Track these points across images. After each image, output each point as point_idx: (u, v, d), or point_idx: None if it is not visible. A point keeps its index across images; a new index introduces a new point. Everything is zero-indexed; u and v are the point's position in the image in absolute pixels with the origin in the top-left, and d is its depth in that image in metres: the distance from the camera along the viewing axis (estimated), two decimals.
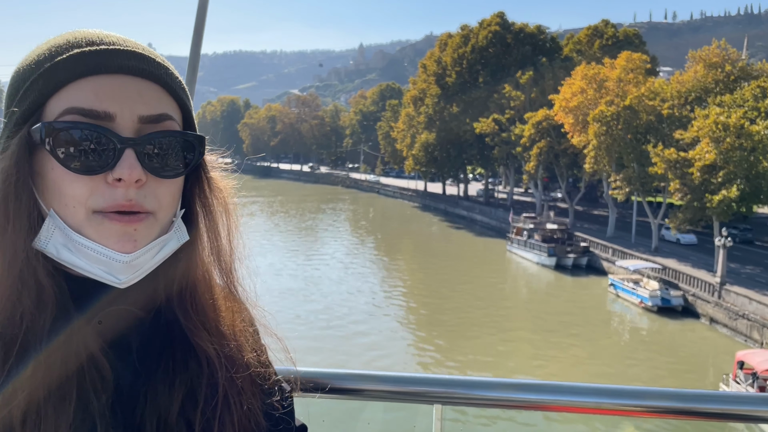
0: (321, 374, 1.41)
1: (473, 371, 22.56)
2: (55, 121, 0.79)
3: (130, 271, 0.82)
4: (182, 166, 0.86)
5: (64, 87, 0.80)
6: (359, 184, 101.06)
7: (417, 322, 29.62)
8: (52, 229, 0.80)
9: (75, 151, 0.78)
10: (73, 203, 0.79)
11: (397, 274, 40.17)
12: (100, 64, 0.81)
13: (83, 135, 0.78)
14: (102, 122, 0.79)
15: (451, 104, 62.17)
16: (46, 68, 0.80)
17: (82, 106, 0.79)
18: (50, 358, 0.76)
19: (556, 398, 1.42)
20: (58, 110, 0.79)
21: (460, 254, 45.70)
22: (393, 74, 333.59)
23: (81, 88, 0.80)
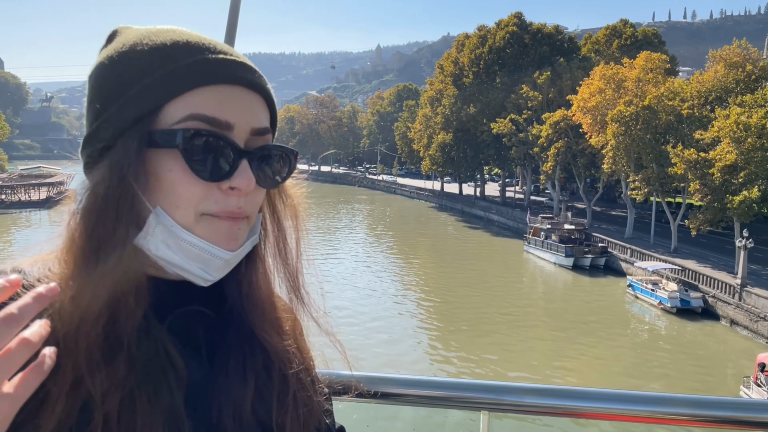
0: (367, 378, 1.36)
1: (489, 372, 22.54)
2: (191, 129, 0.79)
3: (225, 269, 0.85)
4: (279, 178, 0.90)
5: (188, 92, 0.80)
6: (376, 184, 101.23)
7: (433, 321, 29.64)
8: (154, 226, 0.80)
9: (201, 157, 0.79)
10: (185, 205, 0.80)
11: (413, 274, 40.21)
12: (222, 74, 0.82)
13: (211, 143, 0.79)
14: (223, 131, 0.81)
15: (468, 105, 62.01)
16: (168, 71, 0.80)
17: (206, 113, 0.80)
18: (140, 356, 0.77)
19: (610, 407, 1.39)
20: (178, 115, 0.79)
21: (477, 254, 45.61)
22: (410, 75, 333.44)
23: (204, 95, 0.80)
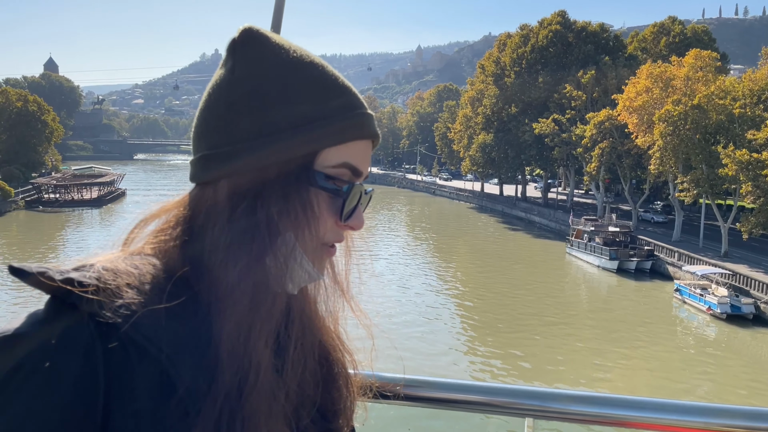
0: (407, 380, 1.34)
1: (529, 378, 22.28)
2: (347, 180, 0.88)
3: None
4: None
5: (346, 144, 0.87)
6: (415, 185, 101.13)
7: (471, 324, 29.44)
8: (281, 249, 0.86)
9: (345, 201, 0.87)
10: (315, 237, 0.86)
11: (451, 275, 40.05)
12: (370, 132, 0.90)
13: (355, 193, 0.89)
14: (357, 179, 0.90)
15: (510, 105, 61.39)
16: (348, 117, 0.87)
17: (354, 165, 0.88)
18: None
19: (662, 417, 1.33)
20: (333, 160, 0.86)
21: (518, 256, 45.09)
22: (450, 75, 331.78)
23: (356, 147, 0.88)
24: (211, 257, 0.81)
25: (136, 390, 0.71)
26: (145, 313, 0.73)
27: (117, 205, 72.35)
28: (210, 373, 0.75)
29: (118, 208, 70.52)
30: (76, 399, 0.69)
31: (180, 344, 0.75)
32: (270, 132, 0.82)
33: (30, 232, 53.90)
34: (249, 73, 0.83)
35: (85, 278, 0.73)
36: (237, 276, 0.79)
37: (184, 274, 0.80)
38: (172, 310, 0.75)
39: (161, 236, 0.86)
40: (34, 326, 0.71)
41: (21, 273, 0.72)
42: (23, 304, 27.96)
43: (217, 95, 0.84)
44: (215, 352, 0.76)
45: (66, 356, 0.69)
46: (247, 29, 0.87)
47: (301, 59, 0.86)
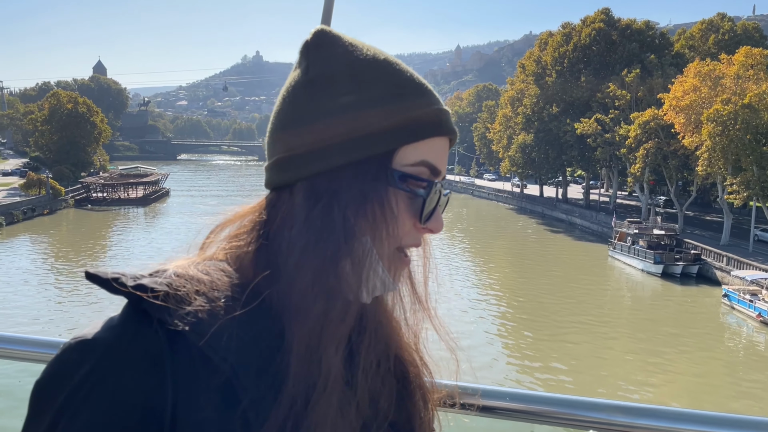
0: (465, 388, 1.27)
1: (569, 386, 21.85)
2: (426, 179, 0.85)
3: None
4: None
5: (428, 139, 0.84)
6: (453, 186, 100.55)
7: (509, 328, 29.07)
8: (360, 254, 0.84)
9: (422, 198, 0.84)
10: (393, 239, 0.83)
11: (489, 277, 39.66)
12: (448, 128, 0.87)
13: (436, 192, 0.85)
14: (436, 179, 0.86)
15: (551, 104, 60.47)
16: (425, 113, 0.84)
17: (433, 163, 0.85)
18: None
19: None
20: (411, 158, 0.83)
21: (558, 258, 44.36)
22: (490, 75, 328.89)
23: (434, 144, 0.85)
24: (285, 260, 0.80)
25: (200, 400, 0.71)
26: (210, 321, 0.73)
27: (161, 204, 74.24)
28: (276, 382, 0.74)
29: (162, 207, 72.37)
30: (144, 409, 0.70)
31: (245, 353, 0.74)
32: (348, 130, 0.80)
33: (79, 230, 55.78)
34: (324, 73, 0.82)
35: (156, 284, 0.74)
36: (311, 280, 0.77)
37: (256, 279, 0.80)
38: (239, 317, 0.75)
39: (235, 241, 0.85)
40: (108, 332, 0.72)
41: (96, 279, 0.74)
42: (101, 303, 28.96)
43: (292, 97, 0.84)
44: (283, 360, 0.75)
45: (135, 365, 0.70)
46: (320, 30, 0.86)
47: (375, 57, 0.84)
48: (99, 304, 28.65)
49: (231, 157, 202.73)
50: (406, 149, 0.82)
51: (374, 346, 0.86)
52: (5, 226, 51.73)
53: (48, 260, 41.96)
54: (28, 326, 25.02)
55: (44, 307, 29.21)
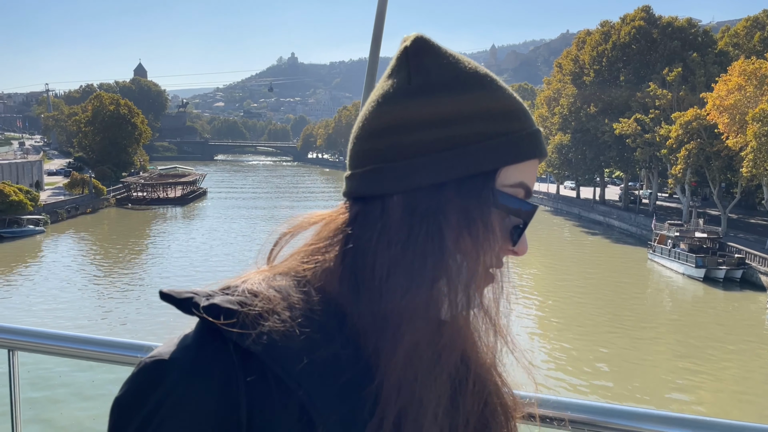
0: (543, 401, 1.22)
1: (610, 393, 21.40)
2: (522, 200, 0.83)
3: None
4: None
5: (526, 161, 0.82)
6: None
7: (543, 332, 28.64)
8: (456, 277, 0.81)
9: (518, 223, 0.84)
10: (485, 261, 0.80)
11: (523, 280, 39.15)
12: (544, 151, 0.84)
13: (527, 213, 0.83)
14: (528, 200, 0.84)
15: (589, 104, 59.46)
16: (522, 136, 0.81)
17: (528, 184, 0.83)
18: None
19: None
20: (512, 179, 0.81)
21: (595, 261, 43.55)
22: (526, 75, 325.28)
23: (531, 166, 0.83)
24: (380, 279, 0.75)
25: (274, 425, 0.69)
26: (285, 342, 0.70)
27: (199, 204, 75.61)
28: (359, 408, 0.72)
29: (199, 206, 73.70)
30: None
31: (322, 377, 0.71)
32: (452, 146, 0.76)
33: (120, 228, 57.23)
34: (427, 83, 0.78)
35: (229, 303, 0.72)
36: (409, 302, 0.74)
37: (336, 296, 0.78)
38: (314, 338, 0.72)
39: (316, 255, 0.81)
40: (183, 353, 0.71)
41: (170, 299, 0.74)
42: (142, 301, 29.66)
43: (391, 105, 0.79)
44: (367, 385, 0.73)
45: (210, 389, 0.69)
46: (420, 38, 0.82)
47: (477, 72, 0.81)
48: (140, 301, 29.39)
49: (266, 158, 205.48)
50: (507, 169, 0.80)
51: (471, 372, 0.84)
52: (50, 224, 53.44)
53: (91, 257, 43.16)
54: (72, 322, 25.74)
55: (87, 304, 30.02)
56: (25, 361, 1.83)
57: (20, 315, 27.04)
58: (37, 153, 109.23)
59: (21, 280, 35.68)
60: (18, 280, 35.56)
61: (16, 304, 29.97)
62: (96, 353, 1.63)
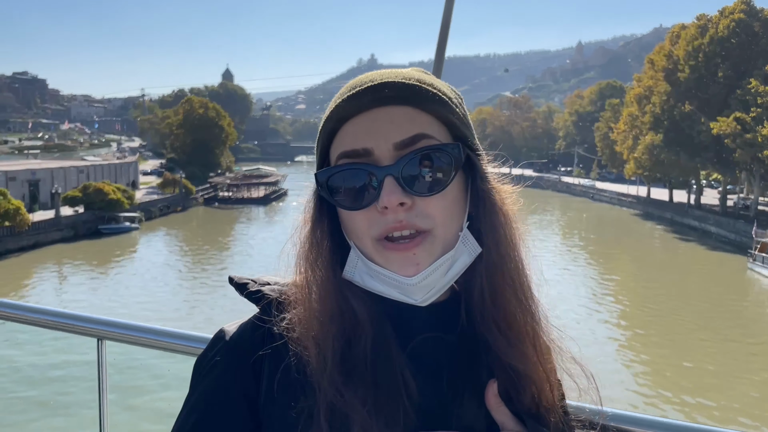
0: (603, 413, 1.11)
1: (705, 413, 19.87)
2: (321, 170, 0.90)
3: (422, 292, 0.86)
4: (444, 179, 0.86)
5: (336, 135, 0.89)
6: (571, 189, 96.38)
7: (628, 344, 27.06)
8: (356, 260, 0.88)
9: (345, 190, 0.86)
10: (359, 235, 0.87)
11: (608, 287, 37.33)
12: (354, 106, 0.87)
13: (347, 175, 0.86)
14: (363, 159, 0.85)
15: (683, 102, 56.18)
16: (324, 121, 0.92)
17: (345, 149, 0.87)
18: (378, 380, 0.83)
19: None
20: (333, 158, 0.90)
21: (688, 270, 40.93)
22: (614, 72, 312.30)
23: (344, 133, 0.88)
24: None
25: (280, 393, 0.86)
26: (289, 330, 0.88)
27: (280, 204, 77.72)
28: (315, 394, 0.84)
29: (281, 206, 75.73)
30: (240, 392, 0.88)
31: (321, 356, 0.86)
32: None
33: (208, 226, 59.78)
34: None
35: (271, 291, 0.93)
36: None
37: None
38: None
39: None
40: (235, 328, 0.93)
41: (233, 282, 0.97)
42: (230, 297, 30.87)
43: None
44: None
45: (241, 358, 0.89)
46: None
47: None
48: (226, 298, 30.34)
49: None
50: (330, 155, 0.92)
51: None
52: (144, 221, 56.58)
53: (180, 254, 45.24)
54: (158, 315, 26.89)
55: (174, 299, 31.34)
56: (113, 350, 1.99)
57: (112, 306, 28.64)
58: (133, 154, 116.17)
59: (115, 273, 37.89)
60: (112, 274, 37.78)
61: (109, 296, 31.82)
62: (177, 345, 1.78)
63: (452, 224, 0.87)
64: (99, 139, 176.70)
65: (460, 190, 0.90)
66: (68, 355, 4.56)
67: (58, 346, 4.79)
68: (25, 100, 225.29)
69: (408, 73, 0.89)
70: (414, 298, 0.86)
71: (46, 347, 5.66)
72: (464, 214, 0.91)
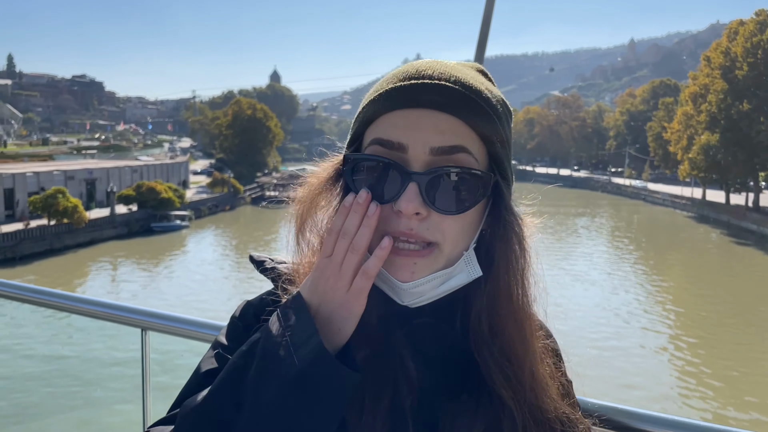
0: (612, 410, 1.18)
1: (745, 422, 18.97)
2: (352, 153, 0.90)
3: (412, 297, 0.88)
4: (467, 203, 0.86)
5: (376, 120, 0.88)
6: (622, 190, 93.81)
7: (679, 354, 26.07)
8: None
9: (368, 179, 0.86)
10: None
11: (660, 293, 36.13)
12: (402, 99, 0.86)
13: (374, 165, 0.85)
14: (395, 152, 0.85)
15: (741, 101, 53.98)
16: (368, 102, 0.90)
17: (381, 136, 0.86)
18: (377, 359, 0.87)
19: None
20: (366, 142, 0.89)
21: (747, 276, 39.24)
22: (668, 69, 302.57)
23: (385, 120, 0.87)
24: None
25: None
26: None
27: None
28: None
29: None
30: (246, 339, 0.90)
31: None
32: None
33: (255, 224, 60.92)
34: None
35: (283, 268, 1.02)
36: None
37: None
38: None
39: None
40: (256, 297, 1.03)
41: (253, 260, 1.08)
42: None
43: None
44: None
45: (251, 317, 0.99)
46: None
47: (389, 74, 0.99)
48: None
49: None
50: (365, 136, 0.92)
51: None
52: (194, 220, 58.07)
53: (227, 252, 46.22)
54: (201, 309, 27.49)
55: (219, 296, 32.00)
56: (155, 341, 2.05)
57: (157, 301, 29.50)
58: (184, 154, 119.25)
59: (165, 270, 38.99)
60: (162, 270, 38.89)
61: (159, 291, 32.79)
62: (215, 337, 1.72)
63: (461, 243, 0.88)
64: (152, 139, 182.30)
65: (478, 212, 0.89)
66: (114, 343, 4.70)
67: (105, 337, 4.93)
68: (84, 103, 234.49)
69: (465, 75, 0.88)
70: (401, 299, 0.88)
71: (93, 336, 5.82)
72: (475, 234, 0.91)
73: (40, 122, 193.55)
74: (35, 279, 34.91)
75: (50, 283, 33.96)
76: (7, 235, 41.86)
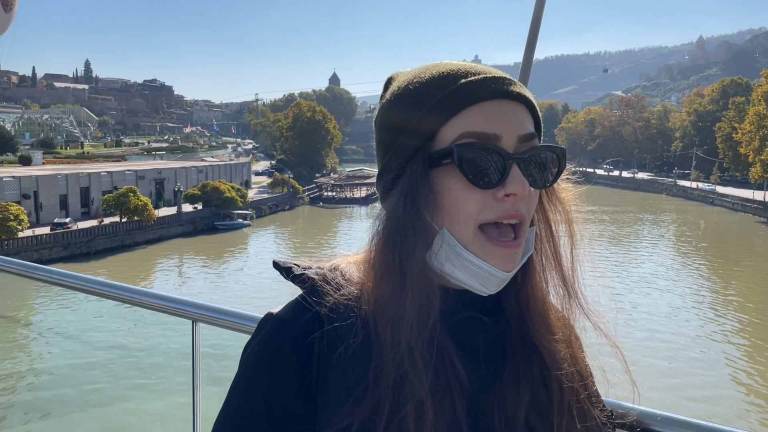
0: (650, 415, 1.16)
1: None
2: (463, 144, 0.87)
3: (501, 285, 0.91)
4: (551, 177, 0.93)
5: (457, 114, 0.88)
6: (688, 193, 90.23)
7: (745, 362, 25.03)
8: (439, 245, 0.89)
9: (475, 167, 0.86)
10: (465, 219, 0.88)
11: (727, 301, 34.68)
12: (483, 92, 0.89)
13: (482, 153, 0.86)
14: (491, 143, 0.88)
15: None
16: (440, 98, 0.89)
17: (474, 130, 0.87)
18: (432, 364, 0.85)
19: None
20: (452, 136, 0.88)
21: None
22: (739, 68, 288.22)
23: (471, 114, 0.88)
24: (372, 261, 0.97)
25: (329, 373, 0.87)
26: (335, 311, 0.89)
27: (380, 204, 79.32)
28: (374, 369, 0.85)
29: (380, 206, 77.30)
30: (294, 374, 0.88)
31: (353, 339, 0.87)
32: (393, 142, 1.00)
33: (312, 223, 62.29)
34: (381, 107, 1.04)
35: (314, 275, 0.94)
36: (381, 280, 0.94)
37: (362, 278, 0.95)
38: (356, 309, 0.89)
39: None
40: (283, 310, 0.93)
41: (278, 267, 0.99)
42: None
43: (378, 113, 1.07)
44: (377, 350, 0.86)
45: (290, 338, 0.89)
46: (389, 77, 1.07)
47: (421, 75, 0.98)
48: None
49: None
50: (442, 132, 0.90)
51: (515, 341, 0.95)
52: (255, 219, 59.93)
53: (285, 250, 47.48)
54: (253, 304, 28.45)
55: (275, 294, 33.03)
56: (205, 333, 2.06)
57: (214, 295, 30.79)
58: (247, 155, 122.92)
59: (227, 266, 40.53)
60: (225, 266, 40.44)
61: (212, 284, 34.23)
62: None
63: (530, 219, 0.93)
64: (217, 141, 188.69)
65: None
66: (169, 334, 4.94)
67: (161, 328, 5.25)
68: (154, 106, 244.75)
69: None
70: (489, 290, 0.90)
71: (150, 328, 6.28)
72: None
73: (114, 125, 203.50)
74: (106, 274, 37.04)
75: (119, 278, 35.95)
76: (83, 231, 44.53)
